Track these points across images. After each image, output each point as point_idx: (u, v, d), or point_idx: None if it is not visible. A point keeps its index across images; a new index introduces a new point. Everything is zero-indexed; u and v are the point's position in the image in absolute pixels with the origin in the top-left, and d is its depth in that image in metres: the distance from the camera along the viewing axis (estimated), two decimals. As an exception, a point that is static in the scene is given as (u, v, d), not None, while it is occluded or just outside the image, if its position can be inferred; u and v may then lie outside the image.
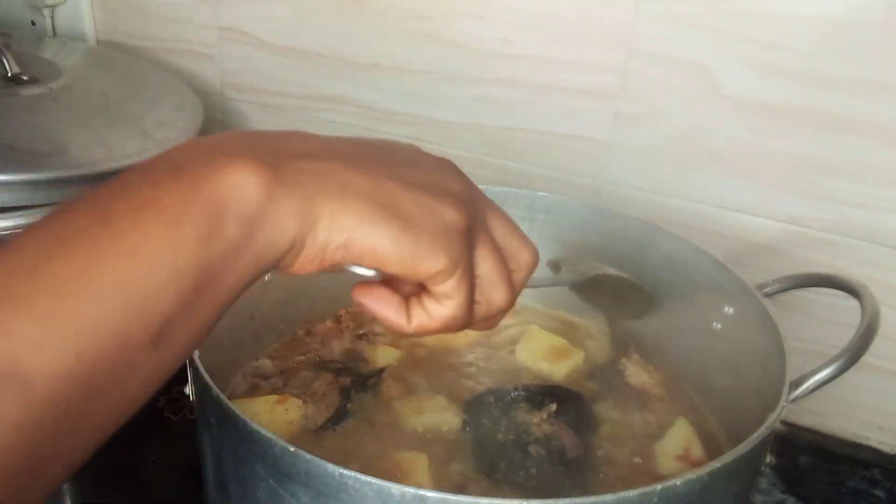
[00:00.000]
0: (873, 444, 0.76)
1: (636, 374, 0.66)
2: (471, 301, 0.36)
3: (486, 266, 0.36)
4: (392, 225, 0.32)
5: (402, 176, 0.34)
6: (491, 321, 0.39)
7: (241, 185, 0.29)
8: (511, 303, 0.38)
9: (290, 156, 0.31)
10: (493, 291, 0.37)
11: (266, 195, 0.29)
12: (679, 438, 0.59)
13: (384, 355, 0.66)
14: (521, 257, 0.39)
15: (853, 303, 0.53)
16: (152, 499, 0.66)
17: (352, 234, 0.31)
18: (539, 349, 0.66)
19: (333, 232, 0.31)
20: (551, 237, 0.45)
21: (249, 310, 0.64)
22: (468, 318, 0.36)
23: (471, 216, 0.35)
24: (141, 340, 0.27)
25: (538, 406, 0.60)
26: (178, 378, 0.38)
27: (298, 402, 0.58)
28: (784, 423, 0.47)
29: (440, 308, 0.35)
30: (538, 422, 0.58)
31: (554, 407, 0.59)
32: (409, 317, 0.36)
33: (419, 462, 0.54)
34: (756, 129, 0.71)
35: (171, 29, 0.95)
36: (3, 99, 0.74)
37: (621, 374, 0.65)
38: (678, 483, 0.40)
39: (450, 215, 0.34)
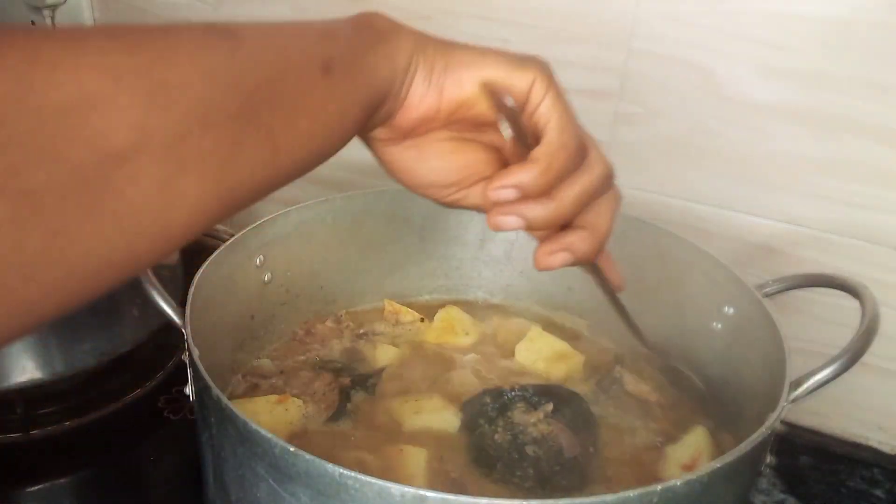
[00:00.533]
0: (873, 444, 0.76)
1: (634, 374, 0.65)
2: (570, 117, 0.42)
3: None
4: (485, 49, 0.42)
5: None
6: (607, 195, 0.44)
7: (377, 17, 0.40)
8: (608, 165, 0.43)
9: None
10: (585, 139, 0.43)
11: (392, 27, 0.40)
12: (690, 447, 0.58)
13: (383, 355, 0.66)
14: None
15: (853, 303, 0.53)
16: (152, 499, 0.66)
17: (451, 54, 0.41)
18: (539, 350, 0.66)
19: (437, 56, 0.41)
20: (551, 237, 0.46)
21: (249, 310, 0.64)
22: (575, 133, 0.42)
23: None
24: (314, 64, 0.35)
25: (535, 406, 0.60)
26: (178, 378, 0.38)
27: (298, 402, 0.58)
28: (784, 423, 0.47)
29: (548, 133, 0.41)
30: (535, 422, 0.58)
31: (551, 407, 0.59)
32: (535, 159, 0.41)
33: (418, 462, 0.54)
34: (756, 129, 0.71)
35: (171, 29, 0.94)
36: (3, 99, 0.74)
37: (620, 375, 0.65)
38: (678, 483, 0.40)
39: (532, 55, 0.43)
